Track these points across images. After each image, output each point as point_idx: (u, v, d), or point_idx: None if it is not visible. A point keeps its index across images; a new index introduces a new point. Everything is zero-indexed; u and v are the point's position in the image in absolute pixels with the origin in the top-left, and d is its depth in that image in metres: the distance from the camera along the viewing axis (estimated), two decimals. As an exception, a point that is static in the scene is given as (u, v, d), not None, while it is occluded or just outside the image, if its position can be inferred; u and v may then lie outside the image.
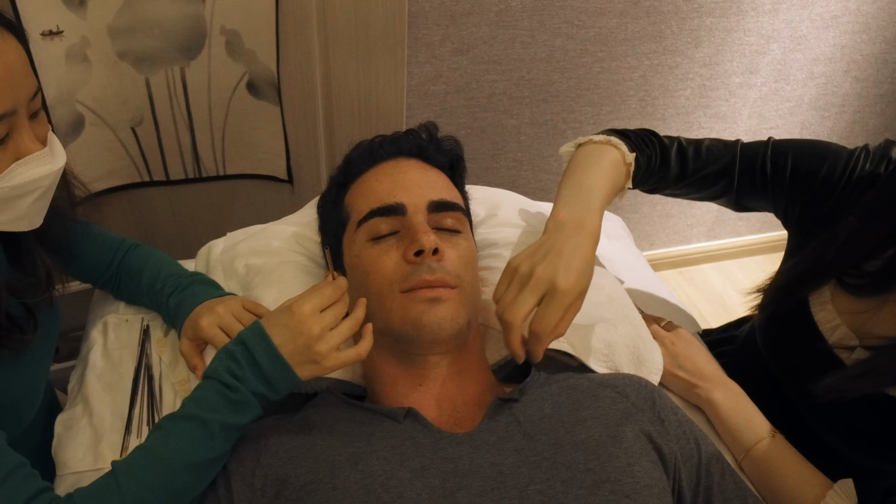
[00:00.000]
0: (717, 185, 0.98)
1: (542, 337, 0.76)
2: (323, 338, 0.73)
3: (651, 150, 0.97)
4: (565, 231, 0.82)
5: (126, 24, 1.24)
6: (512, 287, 0.78)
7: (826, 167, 0.88)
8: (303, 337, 0.72)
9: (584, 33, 1.67)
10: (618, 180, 0.93)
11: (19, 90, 0.67)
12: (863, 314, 0.84)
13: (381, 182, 0.89)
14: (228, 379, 0.72)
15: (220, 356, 0.75)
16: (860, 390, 0.81)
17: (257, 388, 0.72)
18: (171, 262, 1.03)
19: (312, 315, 0.74)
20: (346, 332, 0.75)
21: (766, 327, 0.98)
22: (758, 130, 2.10)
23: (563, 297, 0.76)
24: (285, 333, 0.73)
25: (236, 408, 0.72)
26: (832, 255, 0.85)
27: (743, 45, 1.85)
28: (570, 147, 0.99)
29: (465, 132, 1.76)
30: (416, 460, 0.72)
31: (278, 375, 0.73)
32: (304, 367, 0.73)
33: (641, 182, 0.99)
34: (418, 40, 1.55)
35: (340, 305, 0.77)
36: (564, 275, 0.76)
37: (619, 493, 0.69)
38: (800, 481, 0.86)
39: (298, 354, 0.73)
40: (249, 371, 0.72)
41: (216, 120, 1.42)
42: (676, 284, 2.37)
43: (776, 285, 0.93)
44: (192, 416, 0.71)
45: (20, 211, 0.72)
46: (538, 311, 0.77)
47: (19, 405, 0.83)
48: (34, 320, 0.81)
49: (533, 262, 0.78)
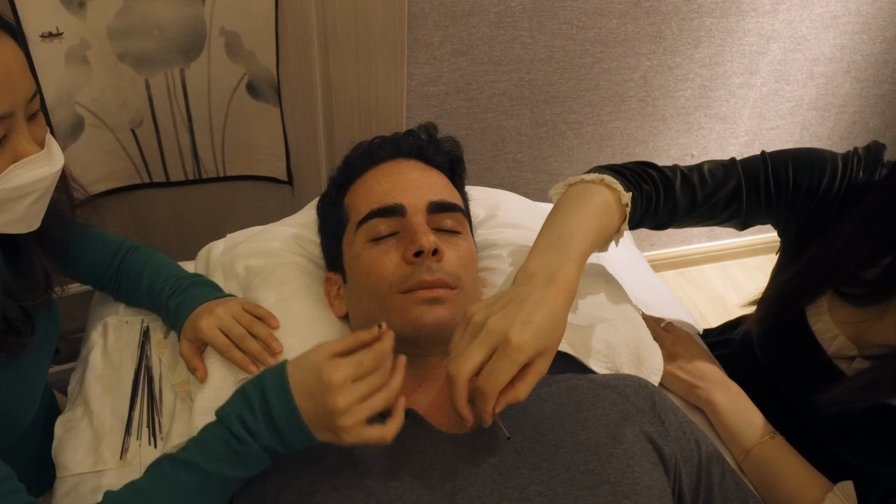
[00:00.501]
0: (728, 210, 0.93)
1: (486, 395, 0.66)
2: (349, 411, 0.65)
3: (650, 186, 0.91)
4: (532, 283, 0.74)
5: (125, 25, 1.24)
6: (464, 337, 0.70)
7: (826, 180, 0.86)
8: (325, 407, 0.65)
9: (584, 34, 1.67)
10: (609, 223, 0.85)
11: (17, 92, 0.67)
12: (861, 324, 0.82)
13: (380, 183, 0.89)
14: (239, 430, 0.66)
15: (236, 400, 0.69)
16: (864, 402, 0.80)
17: (269, 444, 0.67)
18: (171, 264, 1.03)
19: (343, 385, 0.65)
20: (376, 408, 0.67)
21: (764, 339, 0.98)
22: (758, 131, 2.10)
23: (514, 353, 0.66)
24: (308, 396, 0.66)
25: (242, 461, 0.67)
26: (829, 264, 0.83)
27: (743, 46, 1.85)
28: (559, 188, 0.92)
29: (464, 133, 1.76)
30: (417, 461, 0.72)
31: (294, 436, 0.67)
32: (321, 433, 0.67)
33: (645, 220, 0.93)
34: (418, 41, 1.55)
35: (378, 375, 0.68)
36: (520, 328, 0.67)
37: (619, 493, 0.69)
38: (800, 483, 0.85)
39: (318, 421, 0.66)
40: (264, 426, 0.67)
41: (216, 121, 1.42)
42: (677, 285, 2.37)
43: (772, 298, 0.92)
44: (194, 465, 0.67)
45: (18, 213, 0.71)
46: (486, 367, 0.67)
47: (17, 408, 0.82)
48: (31, 323, 0.81)
49: (489, 312, 0.69)
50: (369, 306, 0.83)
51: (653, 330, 1.02)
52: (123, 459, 0.89)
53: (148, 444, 0.91)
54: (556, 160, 1.92)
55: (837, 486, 0.83)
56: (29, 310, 0.81)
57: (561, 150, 1.90)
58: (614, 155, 1.97)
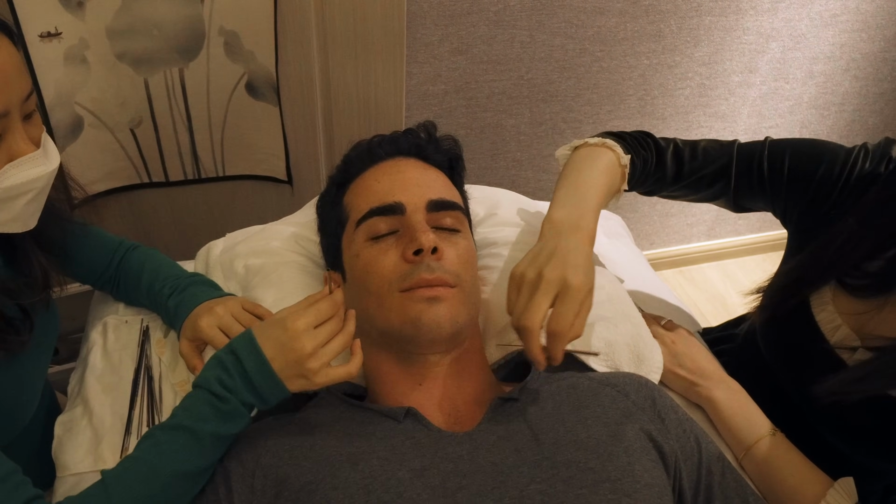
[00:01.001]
0: (715, 187, 0.97)
1: (561, 336, 0.74)
2: (315, 354, 0.73)
3: (647, 153, 0.97)
4: (563, 233, 0.82)
5: (124, 25, 1.24)
6: (523, 293, 0.77)
7: (823, 167, 0.87)
8: (294, 353, 0.72)
9: (584, 33, 1.67)
10: (613, 182, 0.93)
11: (12, 92, 0.67)
12: (864, 315, 0.83)
13: (379, 181, 0.89)
14: (219, 389, 0.72)
15: (211, 365, 0.75)
16: (863, 392, 0.80)
17: (247, 398, 0.72)
18: (171, 264, 1.03)
19: (306, 331, 0.73)
20: (337, 349, 0.75)
21: (767, 328, 0.98)
22: (757, 129, 2.10)
23: (576, 294, 0.75)
24: (277, 347, 0.73)
25: (226, 418, 0.72)
26: (832, 255, 0.84)
27: (742, 44, 1.85)
28: (565, 150, 0.99)
29: (464, 132, 1.76)
30: (417, 460, 0.72)
31: (268, 388, 0.72)
32: (293, 381, 0.73)
33: (638, 184, 0.99)
34: (417, 40, 1.55)
35: (335, 321, 0.76)
36: (574, 272, 0.75)
37: (619, 491, 0.69)
38: (800, 479, 0.85)
39: (289, 369, 0.72)
40: (240, 382, 0.72)
41: (215, 121, 1.42)
42: (676, 283, 2.37)
43: (776, 286, 0.93)
44: (183, 427, 0.71)
45: (13, 213, 0.71)
46: (554, 311, 0.75)
47: (15, 407, 0.82)
48: (30, 322, 0.81)
49: (538, 266, 0.77)
50: (369, 305, 0.82)
51: (653, 328, 1.02)
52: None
53: (148, 443, 0.91)
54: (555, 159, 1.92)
55: (838, 482, 0.83)
56: (27, 308, 0.81)
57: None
58: (614, 154, 1.97)
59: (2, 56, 0.65)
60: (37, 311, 0.83)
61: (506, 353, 0.93)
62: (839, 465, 0.86)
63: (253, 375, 0.72)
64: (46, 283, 0.85)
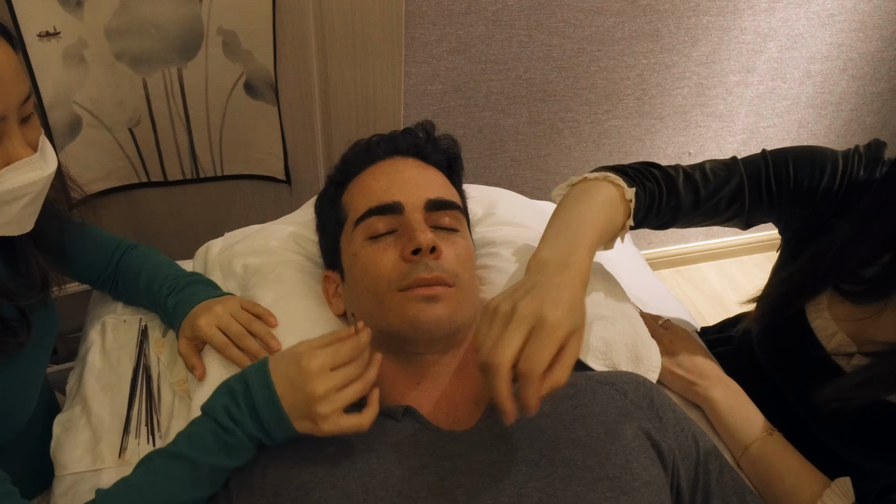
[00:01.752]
0: (731, 209, 0.93)
1: (530, 378, 0.65)
2: (326, 398, 0.69)
3: (653, 184, 0.91)
4: (548, 270, 0.75)
5: (123, 24, 1.24)
6: (494, 327, 0.68)
7: (826, 178, 0.86)
8: (304, 394, 0.69)
9: (581, 32, 1.67)
10: (614, 218, 0.86)
11: (9, 96, 0.66)
12: (860, 321, 0.83)
13: (378, 181, 0.89)
14: (225, 421, 0.70)
15: (220, 391, 0.73)
16: (862, 398, 0.80)
17: (253, 432, 0.70)
18: (169, 263, 1.03)
19: (321, 373, 0.69)
20: (352, 396, 0.70)
21: (763, 336, 0.98)
22: (755, 129, 2.10)
23: (552, 331, 0.66)
24: (288, 384, 0.70)
25: (230, 451, 0.70)
26: (829, 263, 0.82)
27: (740, 44, 1.86)
28: (562, 189, 0.92)
29: (462, 131, 1.76)
30: (415, 458, 0.72)
31: (275, 424, 0.70)
32: (301, 422, 0.70)
33: (648, 219, 0.93)
34: (415, 40, 1.55)
35: (355, 366, 0.72)
36: (553, 307, 0.68)
37: (617, 489, 0.69)
38: (798, 479, 0.85)
39: (297, 409, 0.69)
40: (247, 415, 0.70)
41: (213, 120, 1.42)
42: (674, 283, 2.38)
43: (772, 295, 0.92)
44: (183, 456, 0.70)
45: (9, 216, 0.71)
46: (525, 349, 0.66)
47: (13, 407, 0.82)
48: (27, 322, 0.80)
49: (515, 300, 0.69)
50: (367, 304, 0.83)
51: (651, 328, 1.03)
52: (122, 458, 0.89)
53: (147, 442, 0.91)
54: (554, 158, 1.92)
55: (835, 482, 0.83)
56: (25, 309, 0.80)
57: (558, 148, 1.90)
58: (611, 153, 1.97)
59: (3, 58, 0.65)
60: (35, 312, 0.83)
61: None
62: (836, 465, 0.87)
63: (261, 410, 0.70)
64: (45, 284, 0.85)
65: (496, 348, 0.66)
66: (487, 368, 0.66)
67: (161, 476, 0.69)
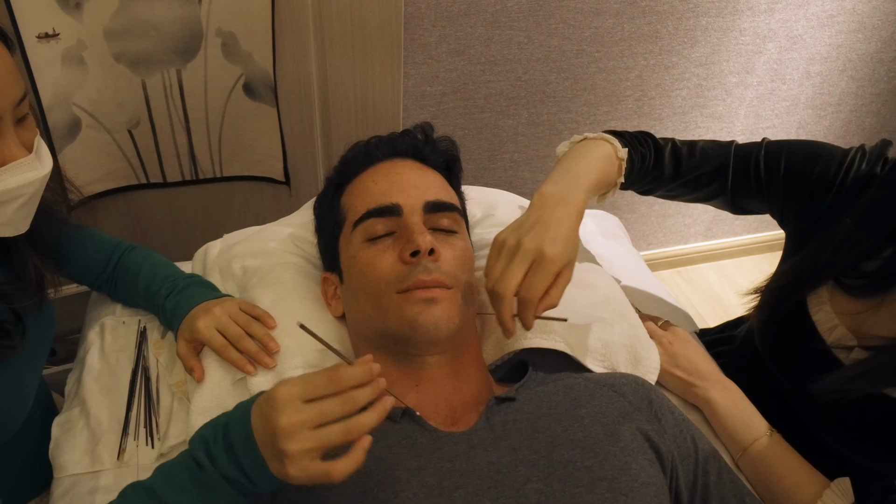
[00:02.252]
0: (712, 186, 0.98)
1: (529, 304, 0.77)
2: (291, 434, 0.57)
3: (645, 149, 0.98)
4: (549, 204, 0.83)
5: (122, 26, 1.24)
6: (500, 260, 0.79)
7: (819, 166, 0.87)
8: (269, 425, 0.58)
9: (581, 34, 1.67)
10: (609, 172, 0.93)
11: (4, 97, 0.66)
12: (860, 314, 0.84)
13: (376, 183, 0.89)
14: (200, 456, 0.63)
15: (208, 424, 0.66)
16: (859, 391, 0.81)
17: (229, 472, 0.62)
18: (168, 265, 1.03)
19: (289, 403, 0.58)
20: (329, 439, 0.58)
21: (765, 328, 0.98)
22: (754, 130, 2.10)
23: (550, 265, 0.77)
24: (259, 417, 0.61)
25: (203, 490, 0.62)
26: (829, 256, 0.84)
27: (739, 45, 1.86)
28: (564, 146, 1.00)
29: (461, 133, 1.76)
30: (413, 460, 0.72)
31: (250, 463, 0.61)
32: (272, 463, 0.60)
33: (636, 181, 0.99)
34: (414, 41, 1.55)
35: (336, 403, 0.59)
36: (551, 243, 0.78)
37: (616, 490, 0.69)
38: (797, 480, 0.85)
39: (265, 446, 0.60)
40: (223, 449, 0.62)
41: (213, 122, 1.42)
42: (674, 284, 2.37)
43: (774, 286, 0.93)
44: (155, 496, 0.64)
45: (5, 217, 0.71)
46: (526, 280, 0.78)
47: (7, 410, 0.82)
48: (22, 325, 0.80)
49: (519, 235, 0.79)
50: (366, 306, 0.83)
51: (650, 328, 1.03)
52: (121, 460, 0.89)
53: (145, 444, 0.91)
54: (553, 160, 1.90)
55: (835, 482, 0.83)
56: (19, 311, 0.80)
57: (558, 149, 1.90)
58: (611, 154, 1.97)
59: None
60: (29, 314, 0.82)
61: (503, 353, 0.93)
62: (837, 465, 0.87)
63: (235, 444, 0.62)
64: (40, 286, 0.84)
65: (501, 280, 0.78)
66: (494, 296, 0.79)
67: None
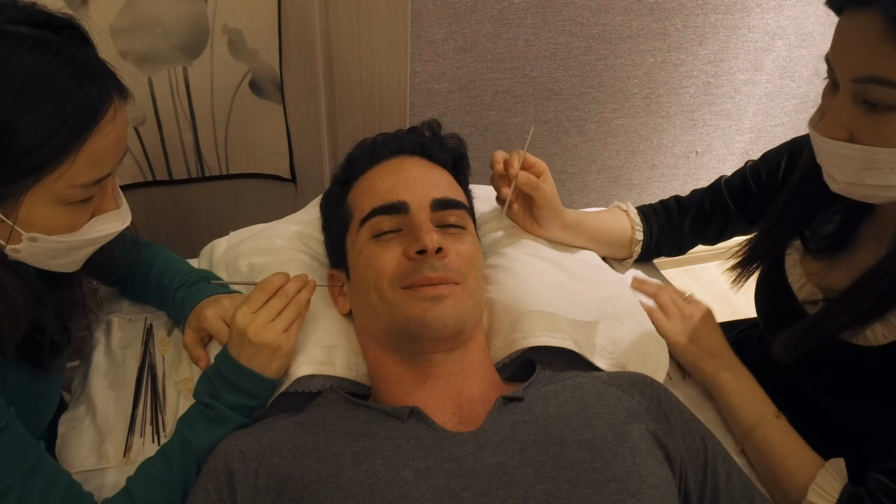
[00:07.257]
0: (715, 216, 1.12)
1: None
2: (262, 332, 0.78)
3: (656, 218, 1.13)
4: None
5: (128, 23, 1.23)
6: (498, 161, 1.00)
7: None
8: (245, 342, 0.78)
9: (588, 31, 1.67)
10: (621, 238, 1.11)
11: (120, 155, 0.71)
12: (821, 272, 0.91)
13: (383, 180, 0.88)
14: (207, 399, 0.80)
15: (201, 379, 0.82)
16: (813, 341, 0.85)
17: (233, 400, 0.79)
18: (181, 261, 1.04)
19: (246, 318, 0.78)
20: (288, 316, 0.80)
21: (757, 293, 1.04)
22: (763, 128, 2.09)
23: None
24: (234, 343, 0.79)
25: (217, 423, 0.79)
26: (788, 204, 0.95)
27: (748, 42, 1.84)
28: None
29: (468, 130, 1.76)
30: (421, 460, 0.72)
31: (248, 383, 0.79)
32: (266, 366, 0.79)
33: (653, 251, 1.19)
34: (421, 38, 1.55)
35: (278, 298, 0.80)
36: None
37: (624, 492, 0.69)
38: (799, 461, 0.86)
39: (253, 359, 0.78)
40: (222, 388, 0.79)
41: (219, 119, 1.42)
42: (682, 282, 2.37)
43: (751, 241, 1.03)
44: (183, 439, 0.79)
45: (76, 258, 0.75)
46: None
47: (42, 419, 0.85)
48: (69, 340, 0.84)
49: None
50: (372, 302, 0.82)
51: (675, 300, 1.05)
52: (127, 457, 0.89)
53: (151, 441, 0.91)
54: (560, 158, 1.91)
55: (829, 462, 0.84)
56: (71, 330, 0.84)
57: (565, 147, 1.89)
58: (618, 152, 1.96)
59: (122, 123, 0.70)
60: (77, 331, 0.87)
61: (510, 352, 0.93)
62: (853, 442, 0.88)
63: (230, 376, 0.79)
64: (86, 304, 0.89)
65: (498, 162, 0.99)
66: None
67: (171, 459, 0.78)
